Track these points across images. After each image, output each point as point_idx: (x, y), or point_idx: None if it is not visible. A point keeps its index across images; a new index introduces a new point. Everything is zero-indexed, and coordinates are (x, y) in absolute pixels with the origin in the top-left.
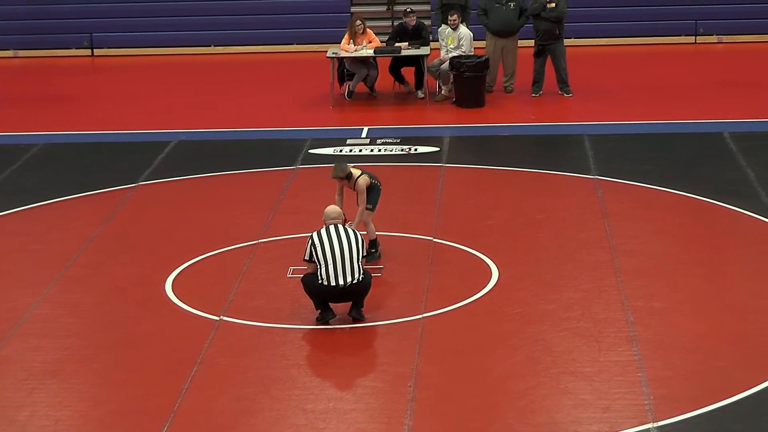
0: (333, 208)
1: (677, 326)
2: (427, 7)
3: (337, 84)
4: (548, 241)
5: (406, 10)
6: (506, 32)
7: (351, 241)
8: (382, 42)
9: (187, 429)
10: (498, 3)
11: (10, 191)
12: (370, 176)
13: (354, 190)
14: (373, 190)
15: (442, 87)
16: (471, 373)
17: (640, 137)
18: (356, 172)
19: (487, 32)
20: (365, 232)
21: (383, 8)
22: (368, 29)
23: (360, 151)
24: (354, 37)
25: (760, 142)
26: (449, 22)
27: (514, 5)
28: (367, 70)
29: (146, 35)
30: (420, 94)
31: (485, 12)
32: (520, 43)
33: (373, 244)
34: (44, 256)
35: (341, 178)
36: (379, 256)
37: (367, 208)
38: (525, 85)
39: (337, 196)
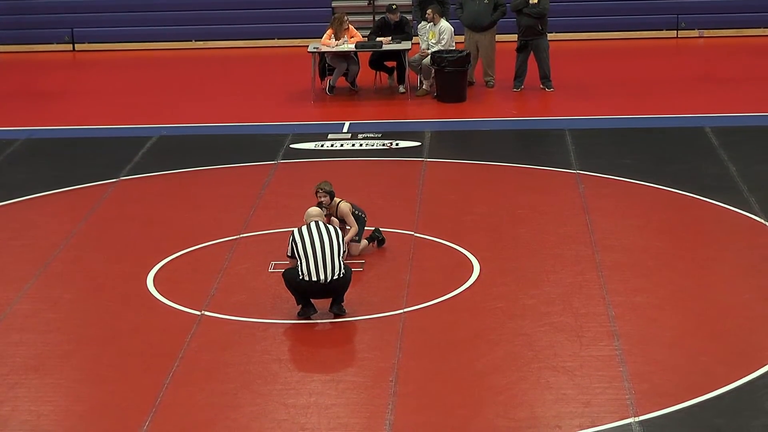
0: (314, 208)
1: (658, 321)
2: (408, 2)
3: (318, 79)
4: (529, 235)
5: (391, 6)
6: (478, 26)
7: (332, 237)
8: (363, 37)
9: (168, 424)
10: None
11: None
12: (353, 206)
13: (337, 216)
14: (357, 221)
15: (424, 82)
16: (452, 368)
17: (622, 132)
18: (336, 199)
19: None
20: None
21: (364, 3)
22: (350, 25)
23: (341, 145)
24: (337, 33)
25: (742, 137)
26: (426, 17)
27: (488, 0)
28: (347, 64)
29: (127, 30)
30: (401, 89)
31: (461, 6)
32: (504, 38)
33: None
34: (25, 252)
35: (324, 192)
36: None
37: (354, 240)
38: (506, 80)
39: None
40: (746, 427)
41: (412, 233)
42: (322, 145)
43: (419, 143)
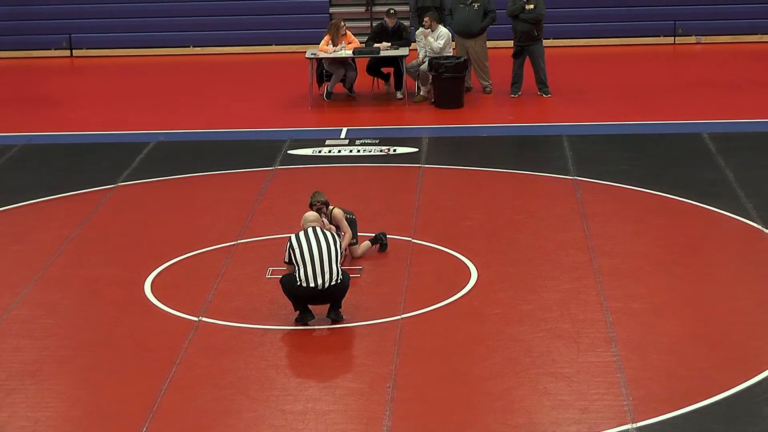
0: (311, 213)
1: (656, 327)
2: (407, 8)
3: (316, 85)
4: (527, 241)
5: (389, 10)
6: (466, 33)
7: (330, 242)
8: (361, 43)
9: (165, 430)
10: (462, 3)
11: None
12: (345, 210)
13: (331, 223)
14: (350, 224)
15: (421, 87)
16: (450, 374)
17: (619, 138)
18: (330, 206)
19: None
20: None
21: (362, 9)
22: (348, 30)
23: (339, 152)
24: (334, 39)
25: (739, 143)
26: (423, 23)
27: (477, 6)
28: (345, 70)
29: (125, 36)
30: (399, 94)
31: (451, 12)
32: (500, 44)
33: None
34: (23, 257)
35: (321, 203)
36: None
37: (352, 244)
38: (504, 85)
39: None
40: None
41: (410, 239)
42: (320, 151)
43: (417, 149)
